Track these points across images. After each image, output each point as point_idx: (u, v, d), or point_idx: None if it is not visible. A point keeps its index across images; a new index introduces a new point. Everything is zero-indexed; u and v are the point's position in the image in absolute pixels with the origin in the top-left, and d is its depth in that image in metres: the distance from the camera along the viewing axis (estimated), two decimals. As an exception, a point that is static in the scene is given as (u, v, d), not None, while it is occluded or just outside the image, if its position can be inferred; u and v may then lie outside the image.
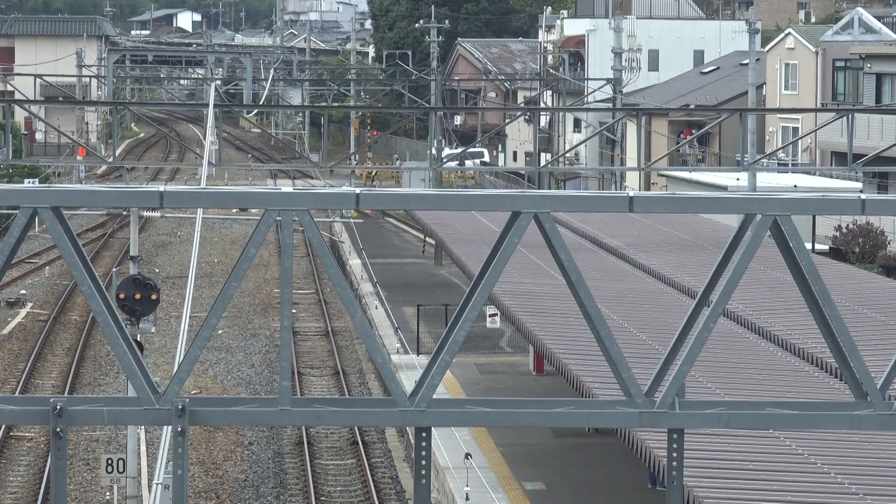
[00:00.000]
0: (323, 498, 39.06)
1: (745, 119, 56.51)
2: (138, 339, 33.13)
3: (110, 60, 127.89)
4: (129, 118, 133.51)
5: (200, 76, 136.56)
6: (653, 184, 71.21)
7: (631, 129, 75.34)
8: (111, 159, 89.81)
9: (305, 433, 42.81)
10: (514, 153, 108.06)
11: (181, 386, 12.86)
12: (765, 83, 76.98)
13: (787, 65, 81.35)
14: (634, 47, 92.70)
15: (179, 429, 13.01)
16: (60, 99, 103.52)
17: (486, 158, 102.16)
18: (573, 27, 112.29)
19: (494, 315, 42.52)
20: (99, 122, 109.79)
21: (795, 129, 69.78)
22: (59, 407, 12.90)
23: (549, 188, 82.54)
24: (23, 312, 61.35)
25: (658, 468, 21.85)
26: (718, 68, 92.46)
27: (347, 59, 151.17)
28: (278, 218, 12.80)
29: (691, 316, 12.97)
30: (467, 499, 33.41)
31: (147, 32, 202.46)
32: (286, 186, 18.98)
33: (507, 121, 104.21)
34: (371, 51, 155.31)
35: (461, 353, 15.07)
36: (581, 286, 12.77)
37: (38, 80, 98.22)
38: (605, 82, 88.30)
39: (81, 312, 57.05)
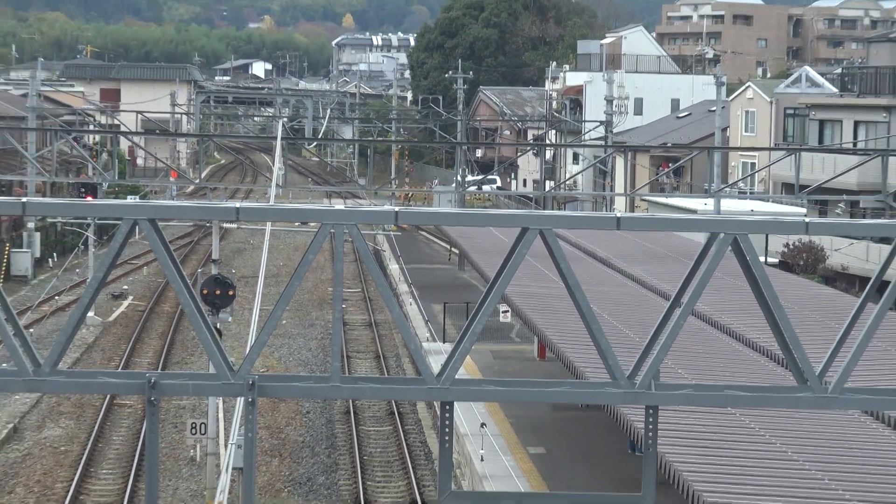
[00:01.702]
0: (365, 457, 38.99)
1: (712, 155, 56.39)
2: (218, 327, 33.18)
3: (197, 100, 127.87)
4: (212, 147, 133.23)
5: (270, 114, 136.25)
6: (636, 207, 70.92)
7: (619, 162, 75.07)
8: (197, 181, 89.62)
9: (352, 405, 42.80)
10: (524, 180, 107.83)
11: (252, 365, 12.93)
12: (728, 126, 76.72)
13: (747, 112, 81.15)
14: (623, 96, 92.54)
15: (250, 400, 13.07)
16: (157, 131, 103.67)
17: (500, 184, 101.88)
18: (574, 79, 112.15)
19: (506, 311, 42.43)
20: (188, 151, 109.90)
21: (753, 164, 69.52)
22: (153, 381, 12.96)
23: (552, 209, 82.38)
24: (125, 304, 61.37)
25: (637, 437, 21.82)
26: (691, 114, 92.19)
27: (390, 101, 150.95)
28: (332, 230, 12.85)
29: (666, 315, 13.01)
30: (482, 460, 33.32)
31: (228, 78, 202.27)
32: (338, 205, 19.03)
33: (518, 154, 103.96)
34: (409, 95, 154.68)
35: (478, 342, 15.10)
36: (577, 289, 12.82)
37: (139, 116, 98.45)
38: (598, 124, 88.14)
39: (172, 304, 57.05)
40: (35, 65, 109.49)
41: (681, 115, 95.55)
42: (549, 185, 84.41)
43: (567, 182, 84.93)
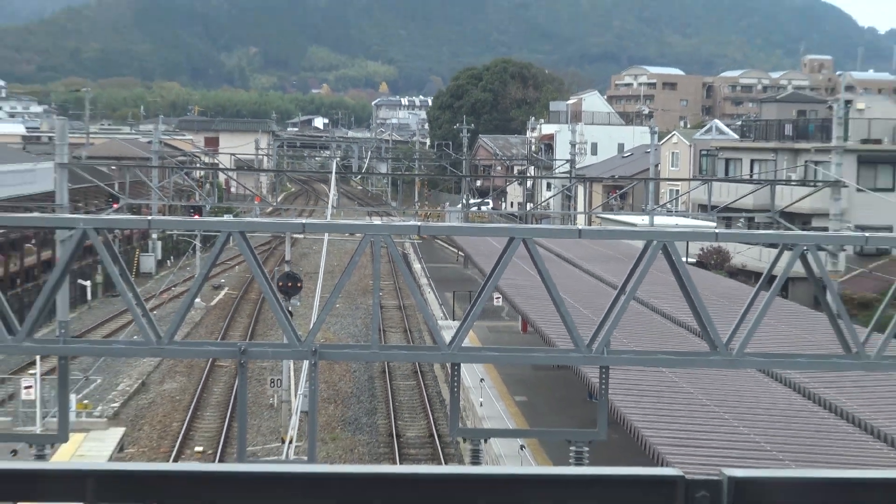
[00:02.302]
0: (397, 404, 39.02)
1: (648, 184, 56.39)
2: (289, 310, 33.22)
3: (274, 145, 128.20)
4: (285, 179, 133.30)
5: (327, 155, 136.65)
6: (593, 222, 70.87)
7: (580, 189, 75.16)
8: (274, 204, 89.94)
9: (387, 366, 42.81)
10: (511, 202, 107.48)
11: (314, 337, 12.94)
12: (659, 163, 76.55)
13: (672, 153, 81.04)
14: (582, 141, 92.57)
15: (313, 362, 13.08)
16: (245, 168, 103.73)
17: (493, 205, 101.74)
18: (547, 129, 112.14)
19: (498, 298, 42.50)
20: (267, 182, 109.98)
21: (677, 191, 69.25)
22: (243, 348, 12.97)
23: (531, 224, 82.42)
24: (222, 293, 61.45)
25: (593, 389, 21.87)
26: (632, 154, 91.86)
27: (413, 146, 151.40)
28: (372, 240, 12.86)
29: (614, 300, 13.00)
30: (481, 405, 33.32)
31: (296, 129, 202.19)
32: (376, 221, 19.15)
33: (507, 183, 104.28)
34: (427, 141, 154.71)
35: (478, 320, 15.07)
36: (549, 282, 12.82)
37: (232, 157, 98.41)
38: (565, 161, 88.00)
39: (256, 293, 56.99)
40: (157, 120, 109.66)
41: (625, 155, 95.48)
42: (529, 206, 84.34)
43: (542, 204, 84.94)
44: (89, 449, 30.06)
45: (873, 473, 2.00)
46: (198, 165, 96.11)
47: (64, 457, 26.63)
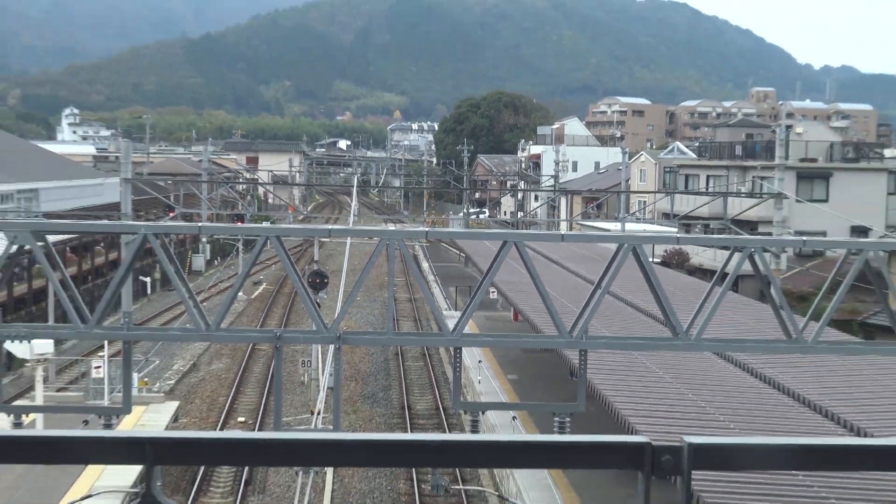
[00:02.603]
0: (408, 381, 39.04)
1: (620, 196, 56.28)
2: (317, 302, 33.29)
3: (305, 163, 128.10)
4: (314, 192, 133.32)
5: (349, 171, 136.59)
6: (574, 228, 70.90)
7: (563, 200, 75.07)
8: (305, 212, 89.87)
9: (400, 349, 42.83)
10: (504, 211, 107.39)
11: (339, 325, 12.93)
12: (630, 178, 76.65)
13: (641, 170, 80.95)
14: (565, 160, 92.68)
15: (338, 346, 13.07)
16: (280, 182, 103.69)
17: (489, 214, 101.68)
18: (535, 149, 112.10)
19: (494, 292, 42.46)
20: (299, 194, 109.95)
21: (644, 202, 69.30)
22: (278, 335, 12.96)
23: (522, 230, 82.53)
24: (261, 287, 61.42)
25: (574, 369, 21.91)
26: (607, 171, 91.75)
27: (422, 164, 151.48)
28: (387, 243, 12.84)
29: (591, 294, 12.99)
30: (479, 382, 33.34)
31: (323, 150, 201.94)
32: (391, 227, 19.16)
33: (501, 195, 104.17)
34: (434, 160, 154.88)
35: (477, 310, 15.06)
36: (537, 278, 12.81)
37: (270, 173, 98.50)
38: (550, 177, 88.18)
39: (290, 288, 57.07)
40: (206, 142, 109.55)
41: (600, 171, 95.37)
42: (519, 214, 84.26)
43: (531, 213, 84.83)
44: (149, 419, 30.08)
45: (810, 440, 2.00)
46: (240, 180, 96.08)
47: (127, 426, 26.66)
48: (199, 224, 13.21)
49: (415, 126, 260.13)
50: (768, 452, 1.95)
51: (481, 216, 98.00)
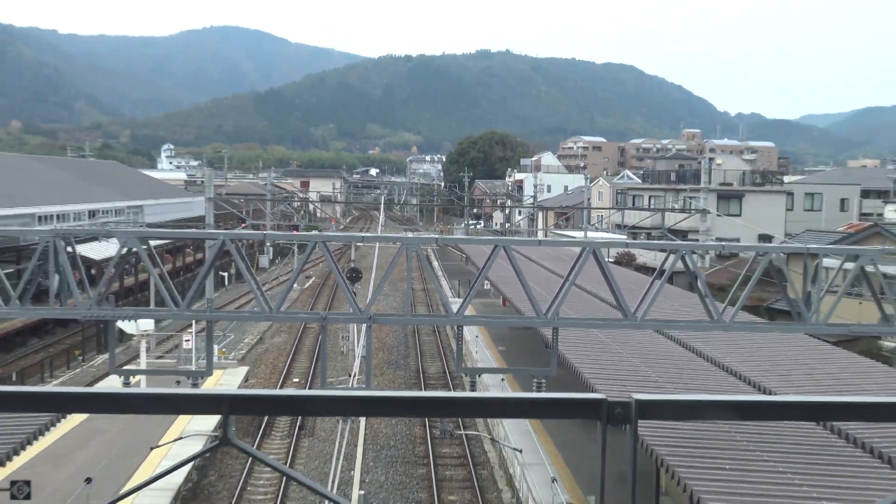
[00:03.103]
0: (421, 351, 38.99)
1: (583, 212, 56.16)
2: (353, 291, 33.25)
3: (344, 186, 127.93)
4: (351, 208, 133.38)
5: (378, 192, 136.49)
6: (548, 236, 70.73)
7: (540, 215, 74.93)
8: (344, 223, 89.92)
9: (416, 328, 42.79)
10: (495, 223, 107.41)
11: (370, 308, 12.91)
12: (590, 198, 76.56)
13: (599, 192, 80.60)
14: (541, 184, 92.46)
15: (369, 325, 13.05)
16: (326, 200, 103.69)
17: (483, 225, 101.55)
18: (519, 176, 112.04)
19: (487, 283, 42.36)
20: (340, 209, 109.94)
21: (601, 216, 69.14)
22: (324, 316, 12.94)
23: (508, 236, 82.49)
24: (311, 280, 61.39)
25: (548, 342, 21.86)
26: (573, 192, 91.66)
27: (433, 187, 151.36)
28: (406, 247, 12.82)
29: (562, 285, 12.96)
30: (476, 353, 33.29)
31: (358, 175, 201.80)
32: (409, 234, 19.21)
33: (493, 211, 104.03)
34: (442, 183, 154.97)
35: (474, 298, 15.02)
36: (520, 273, 12.78)
37: (318, 193, 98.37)
38: (530, 196, 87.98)
39: (333, 280, 57.03)
40: (269, 170, 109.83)
41: (568, 193, 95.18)
42: (507, 225, 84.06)
43: (515, 224, 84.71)
44: (225, 380, 30.09)
45: (727, 397, 1.99)
46: (295, 199, 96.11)
47: (209, 385, 26.65)
48: (265, 232, 13.18)
49: (427, 158, 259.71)
50: (696, 406, 1.94)
51: (478, 226, 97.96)
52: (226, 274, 56.96)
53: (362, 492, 20.72)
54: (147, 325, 26.84)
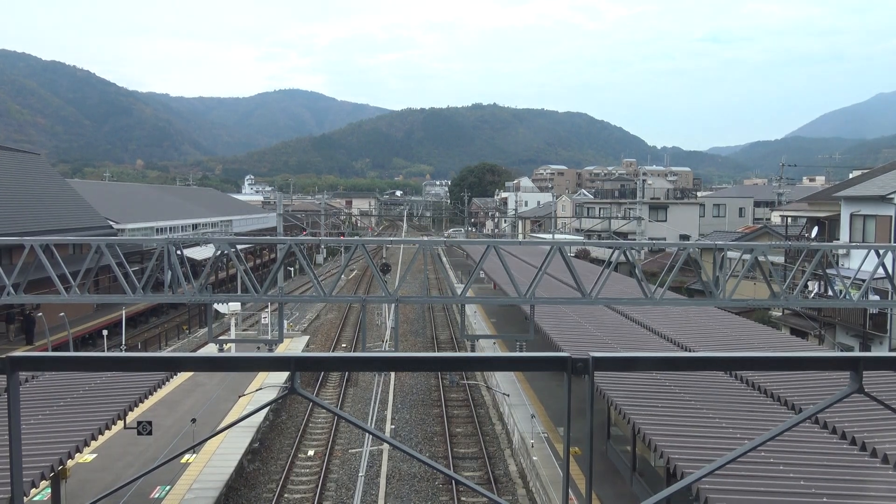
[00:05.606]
0: (434, 323, 38.80)
1: (552, 220, 55.91)
2: (385, 280, 33.14)
3: (377, 204, 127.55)
4: (382, 220, 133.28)
5: (402, 208, 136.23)
6: (526, 238, 70.45)
7: (520, 223, 74.63)
8: (378, 231, 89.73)
9: (431, 306, 42.57)
10: (488, 229, 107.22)
11: (397, 292, 12.87)
12: (556, 210, 76.16)
13: (562, 205, 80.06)
14: (521, 200, 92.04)
15: (396, 305, 13.01)
16: (364, 214, 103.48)
17: (478, 231, 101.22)
18: (504, 194, 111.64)
19: (482, 273, 42.11)
20: (374, 221, 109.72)
21: (565, 223, 68.77)
22: (364, 298, 12.92)
23: (497, 239, 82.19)
24: (354, 272, 61.18)
25: (527, 315, 21.80)
26: (544, 206, 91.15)
27: (442, 204, 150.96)
28: (423, 247, 12.77)
29: (537, 273, 12.90)
30: (475, 324, 33.15)
31: (388, 196, 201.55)
32: (425, 238, 19.11)
33: (485, 221, 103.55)
34: (448, 201, 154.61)
35: (472, 284, 14.93)
36: (505, 265, 12.72)
37: (358, 209, 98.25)
38: (513, 209, 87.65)
39: (370, 272, 56.84)
40: (323, 193, 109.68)
41: (541, 206, 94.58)
42: (496, 231, 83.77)
43: (502, 229, 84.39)
44: (293, 346, 30.07)
45: (660, 354, 1.98)
46: (342, 214, 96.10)
47: (280, 349, 26.67)
48: (319, 238, 13.18)
49: (438, 183, 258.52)
50: (637, 361, 1.93)
51: (475, 231, 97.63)
52: (292, 269, 57.03)
53: (393, 426, 20.75)
54: (235, 306, 26.88)
